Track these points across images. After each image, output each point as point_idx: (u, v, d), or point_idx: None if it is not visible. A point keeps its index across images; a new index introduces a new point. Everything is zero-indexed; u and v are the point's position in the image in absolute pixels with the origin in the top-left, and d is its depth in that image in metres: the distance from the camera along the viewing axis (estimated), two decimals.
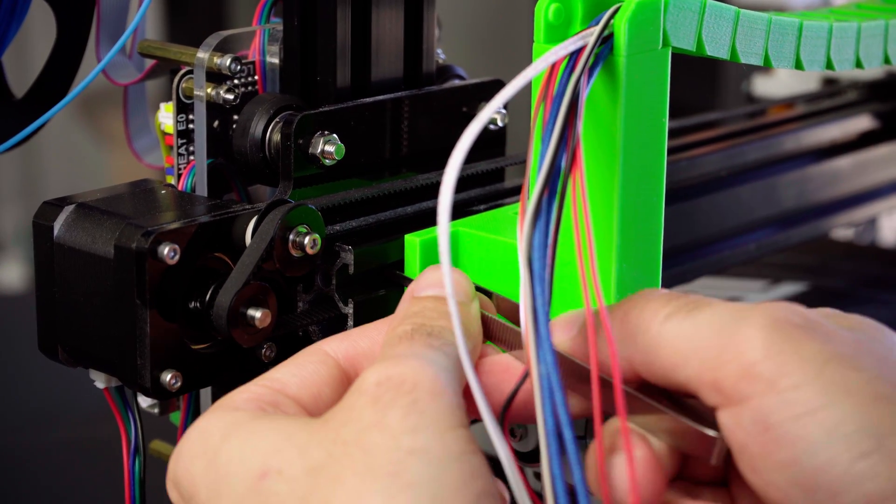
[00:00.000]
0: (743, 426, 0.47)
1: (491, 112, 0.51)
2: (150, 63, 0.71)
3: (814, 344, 0.47)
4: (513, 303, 0.57)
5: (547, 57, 0.53)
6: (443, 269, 0.49)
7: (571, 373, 0.52)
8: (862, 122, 0.96)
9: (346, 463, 0.46)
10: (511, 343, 0.55)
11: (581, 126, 0.52)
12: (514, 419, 0.53)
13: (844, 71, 0.70)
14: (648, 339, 0.49)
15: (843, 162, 0.92)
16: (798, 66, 0.64)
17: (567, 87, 0.53)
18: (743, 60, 0.60)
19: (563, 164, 0.51)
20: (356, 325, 0.62)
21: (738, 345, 0.47)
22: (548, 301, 0.50)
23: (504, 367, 0.53)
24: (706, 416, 0.49)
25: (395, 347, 0.51)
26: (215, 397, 0.66)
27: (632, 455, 0.49)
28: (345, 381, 0.53)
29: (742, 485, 0.49)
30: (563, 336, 0.52)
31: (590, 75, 0.54)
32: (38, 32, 0.89)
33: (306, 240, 0.60)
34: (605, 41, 0.55)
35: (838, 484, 0.45)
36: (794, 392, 0.46)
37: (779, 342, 0.47)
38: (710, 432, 0.48)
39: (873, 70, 0.99)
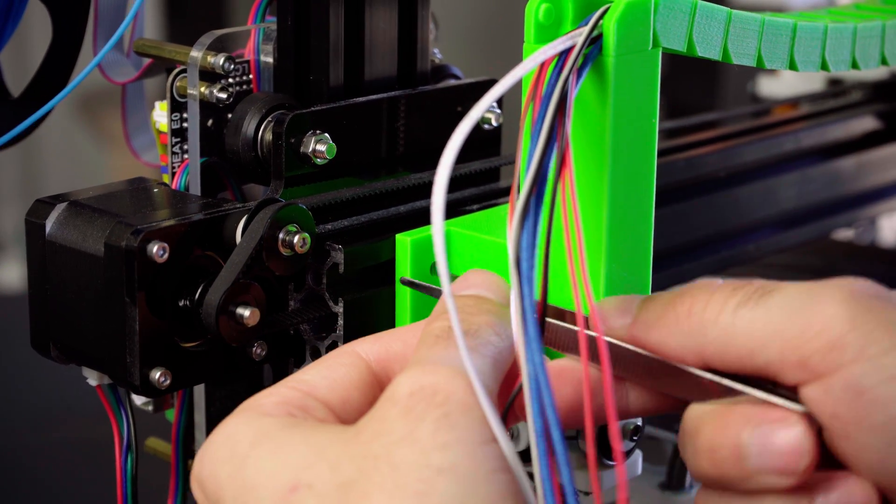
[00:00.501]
0: (833, 395, 0.48)
1: (480, 111, 0.51)
2: (147, 62, 0.71)
3: (895, 311, 0.49)
4: (556, 308, 0.57)
5: (535, 56, 0.53)
6: (439, 270, 0.49)
7: (632, 364, 0.53)
8: (866, 123, 0.96)
9: (376, 479, 0.46)
10: (563, 344, 0.55)
11: (570, 126, 0.52)
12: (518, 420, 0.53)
13: (849, 71, 0.70)
14: (720, 330, 0.50)
15: (847, 162, 0.92)
16: (792, 66, 0.64)
17: (556, 87, 0.53)
18: (735, 61, 0.60)
19: (552, 164, 0.51)
20: (346, 324, 0.62)
21: (822, 322, 0.49)
22: (537, 302, 0.50)
23: (557, 371, 0.53)
24: (783, 395, 0.50)
25: (431, 349, 0.50)
26: (209, 395, 0.67)
27: (621, 456, 0.49)
28: (375, 384, 0.53)
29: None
30: (618, 322, 0.53)
31: (578, 75, 0.54)
32: (36, 32, 0.89)
33: (296, 238, 0.60)
34: (595, 41, 0.55)
35: None
36: (885, 357, 0.48)
37: (861, 313, 0.48)
38: (797, 406, 0.49)
39: (878, 71, 0.99)
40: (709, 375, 0.51)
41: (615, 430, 0.49)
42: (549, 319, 0.55)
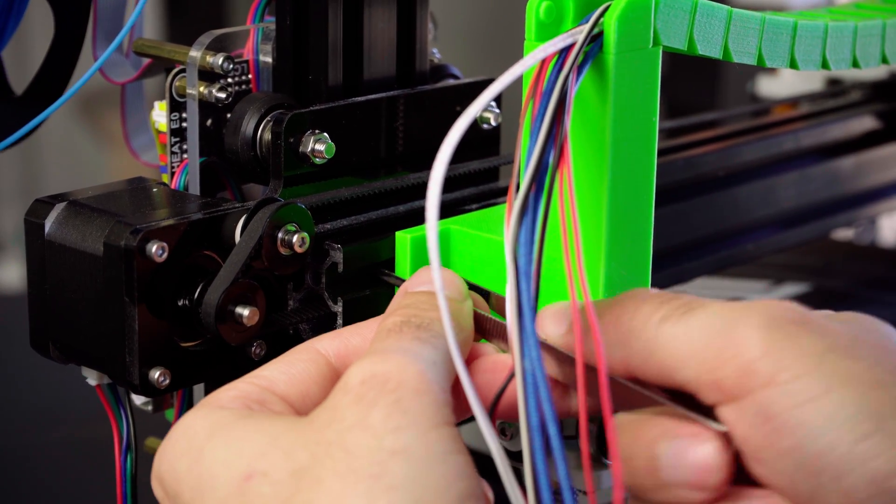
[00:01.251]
0: (745, 419, 0.48)
1: (479, 108, 0.51)
2: (146, 62, 0.71)
3: (811, 338, 0.48)
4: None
5: (536, 53, 0.53)
6: (431, 263, 0.49)
7: (562, 366, 0.52)
8: (865, 123, 0.96)
9: (329, 464, 0.46)
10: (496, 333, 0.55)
11: (569, 123, 0.52)
12: (506, 417, 0.53)
13: (848, 71, 0.70)
14: (643, 343, 0.50)
15: (846, 162, 0.92)
16: (793, 65, 0.64)
17: (556, 84, 0.53)
18: (736, 60, 0.60)
19: (551, 160, 0.51)
20: (345, 323, 0.62)
21: (736, 345, 0.48)
22: (534, 297, 0.49)
23: (500, 365, 0.53)
24: (706, 412, 0.49)
25: (384, 341, 0.51)
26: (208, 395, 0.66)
27: (617, 454, 0.49)
28: (334, 379, 0.53)
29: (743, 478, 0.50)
30: (554, 330, 0.52)
31: (579, 73, 0.54)
32: (38, 29, 0.89)
33: (295, 238, 0.60)
34: (595, 39, 0.55)
35: (842, 465, 0.46)
36: (795, 383, 0.47)
37: (777, 339, 0.48)
38: (717, 426, 0.49)
39: (877, 70, 0.99)
40: (633, 385, 0.51)
41: (611, 427, 0.49)
42: (478, 310, 0.56)
